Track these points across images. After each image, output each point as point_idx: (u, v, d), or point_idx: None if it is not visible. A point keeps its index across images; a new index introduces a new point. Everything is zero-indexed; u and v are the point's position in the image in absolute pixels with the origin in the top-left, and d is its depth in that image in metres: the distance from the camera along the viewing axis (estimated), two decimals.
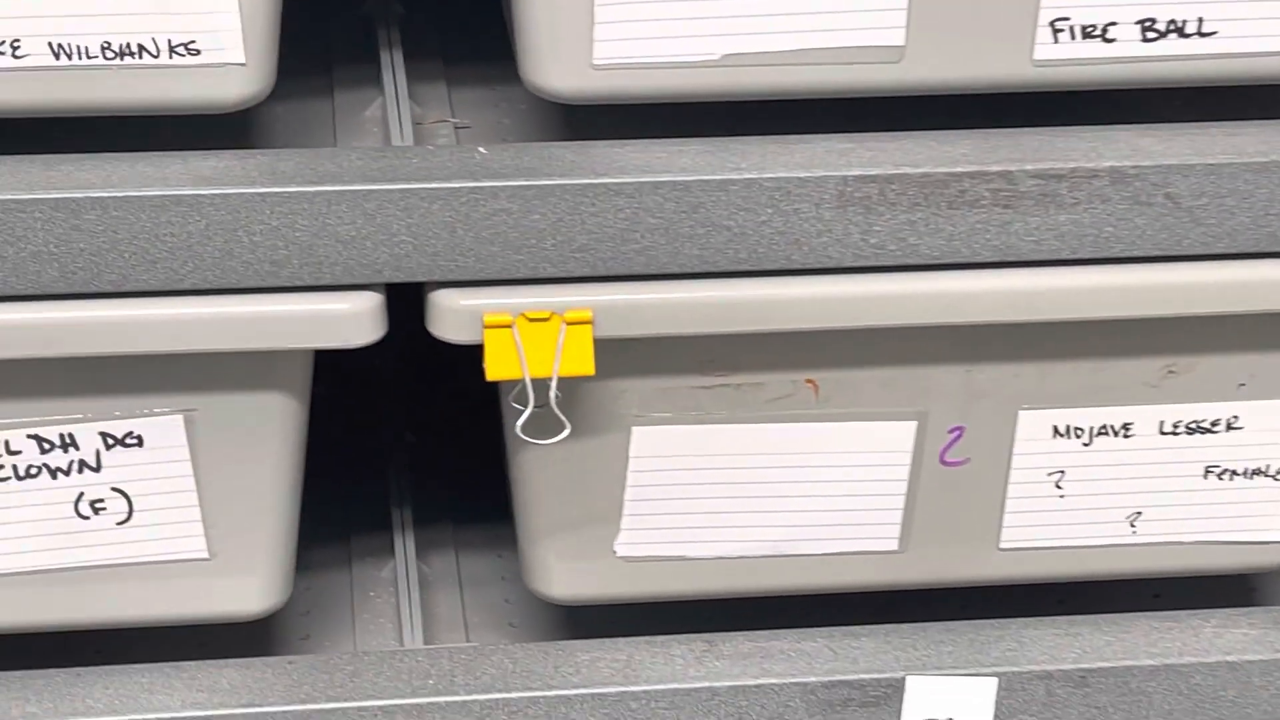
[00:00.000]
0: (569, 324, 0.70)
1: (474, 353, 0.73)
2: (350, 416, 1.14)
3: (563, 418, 0.73)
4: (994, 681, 0.82)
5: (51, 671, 0.84)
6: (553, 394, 0.71)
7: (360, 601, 0.98)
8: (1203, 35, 0.73)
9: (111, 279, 0.71)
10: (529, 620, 0.97)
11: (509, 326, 0.70)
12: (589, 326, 0.71)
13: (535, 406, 0.72)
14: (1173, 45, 0.73)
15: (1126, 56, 0.73)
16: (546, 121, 0.88)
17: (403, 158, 0.73)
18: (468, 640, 0.93)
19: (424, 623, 0.94)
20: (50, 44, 0.71)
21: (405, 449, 1.13)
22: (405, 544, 1.01)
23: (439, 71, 0.97)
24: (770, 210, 0.70)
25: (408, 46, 0.94)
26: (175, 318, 0.72)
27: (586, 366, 0.71)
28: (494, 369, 0.70)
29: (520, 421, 0.72)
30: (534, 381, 0.72)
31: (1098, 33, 0.73)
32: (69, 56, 0.71)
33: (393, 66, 0.91)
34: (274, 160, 0.73)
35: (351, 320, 0.72)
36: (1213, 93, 0.80)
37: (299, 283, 0.71)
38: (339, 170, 0.71)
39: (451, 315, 0.71)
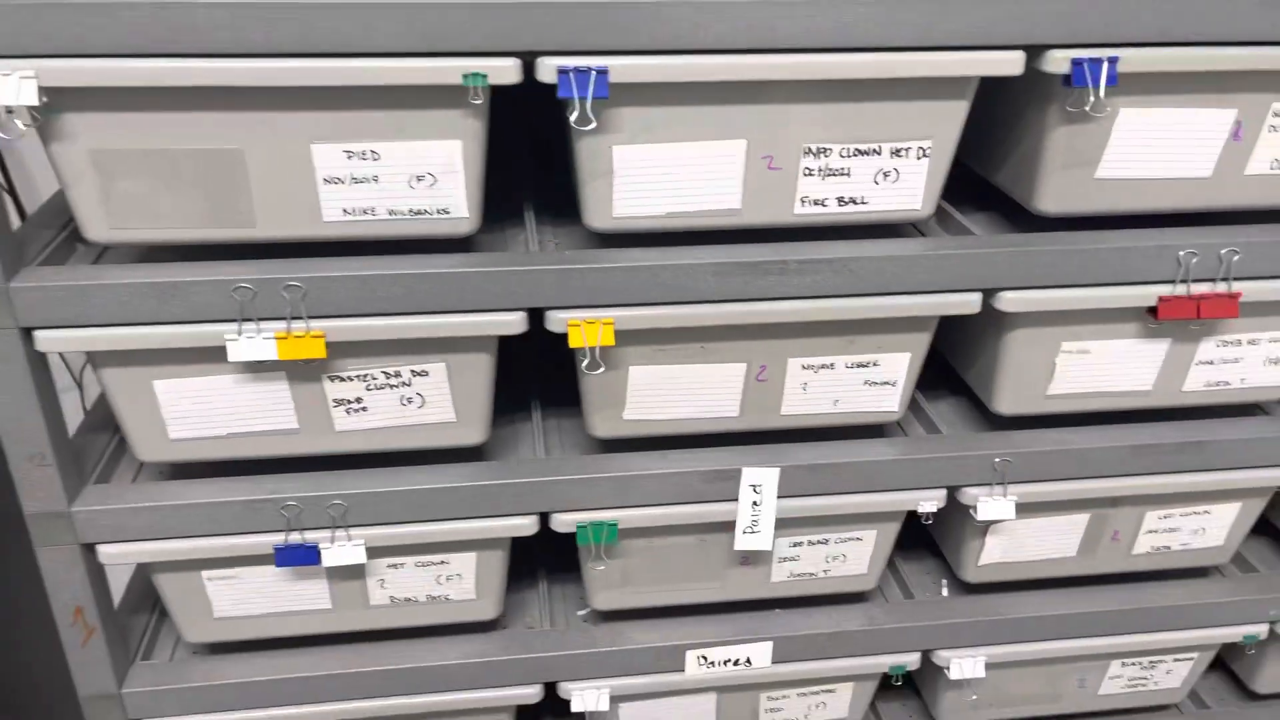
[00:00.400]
0: (603, 325, 0.97)
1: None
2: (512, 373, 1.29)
3: (601, 364, 0.99)
4: (776, 470, 1.09)
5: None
6: (596, 353, 0.99)
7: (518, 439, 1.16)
8: (863, 203, 0.99)
9: (422, 305, 0.99)
10: (591, 448, 1.15)
11: (579, 326, 0.97)
12: (611, 325, 0.97)
13: (590, 358, 0.99)
14: (851, 209, 0.99)
15: (833, 211, 0.99)
16: (593, 241, 1.03)
17: (533, 256, 0.99)
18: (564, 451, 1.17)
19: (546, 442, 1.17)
20: (388, 210, 0.92)
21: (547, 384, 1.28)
22: (536, 414, 1.23)
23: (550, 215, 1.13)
24: (685, 277, 0.96)
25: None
26: (449, 323, 0.99)
27: (610, 341, 0.97)
28: (573, 343, 0.97)
29: (584, 363, 0.99)
30: (590, 349, 0.99)
31: (820, 202, 0.98)
32: (394, 215, 0.92)
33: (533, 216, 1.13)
34: (479, 258, 0.97)
35: (512, 323, 0.97)
36: (870, 227, 1.02)
37: (488, 307, 0.96)
38: (506, 259, 0.96)
39: (555, 322, 0.97)
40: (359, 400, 1.02)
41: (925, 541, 1.37)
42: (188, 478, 1.06)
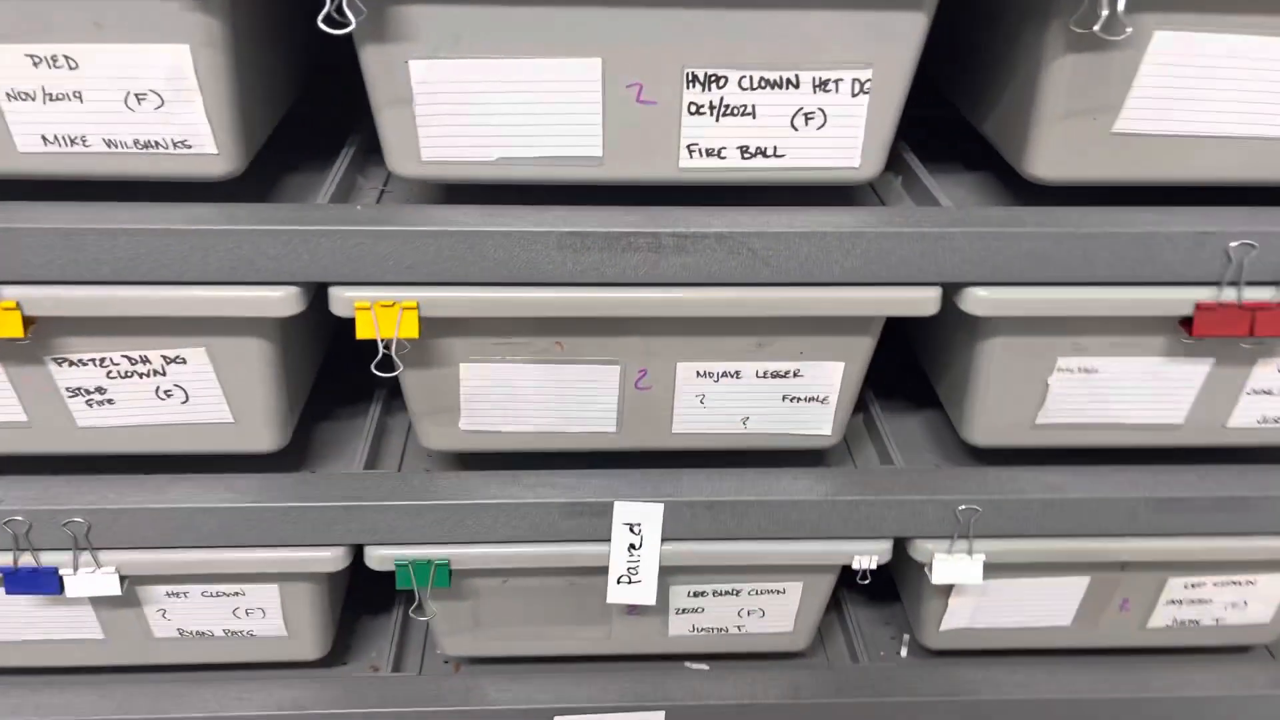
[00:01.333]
0: (404, 308, 0.72)
1: None
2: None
3: (398, 361, 0.73)
4: (660, 506, 0.84)
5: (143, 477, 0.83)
6: (394, 348, 0.72)
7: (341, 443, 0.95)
8: (777, 156, 0.73)
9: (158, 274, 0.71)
10: (433, 461, 0.94)
11: (369, 309, 0.71)
12: (415, 310, 0.72)
13: (383, 352, 0.73)
14: (759, 162, 0.73)
15: (733, 167, 0.73)
16: (440, 194, 0.84)
17: (314, 210, 0.74)
18: (400, 467, 0.93)
19: (372, 451, 0.94)
20: (103, 139, 0.69)
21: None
22: (371, 418, 0.99)
23: None
24: (519, 249, 0.71)
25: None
26: (191, 298, 0.72)
27: (414, 332, 0.72)
28: (361, 332, 0.72)
29: (374, 363, 0.73)
30: (385, 341, 0.72)
31: (715, 152, 0.73)
32: (114, 147, 0.70)
33: (347, 157, 0.87)
34: (233, 210, 0.72)
35: (283, 302, 0.72)
36: (790, 190, 0.79)
37: (249, 279, 0.72)
38: (274, 215, 0.71)
39: (339, 302, 0.72)
40: (100, 391, 0.78)
41: (888, 585, 1.09)
42: None
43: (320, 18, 0.62)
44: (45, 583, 0.83)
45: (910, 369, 1.01)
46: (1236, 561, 0.91)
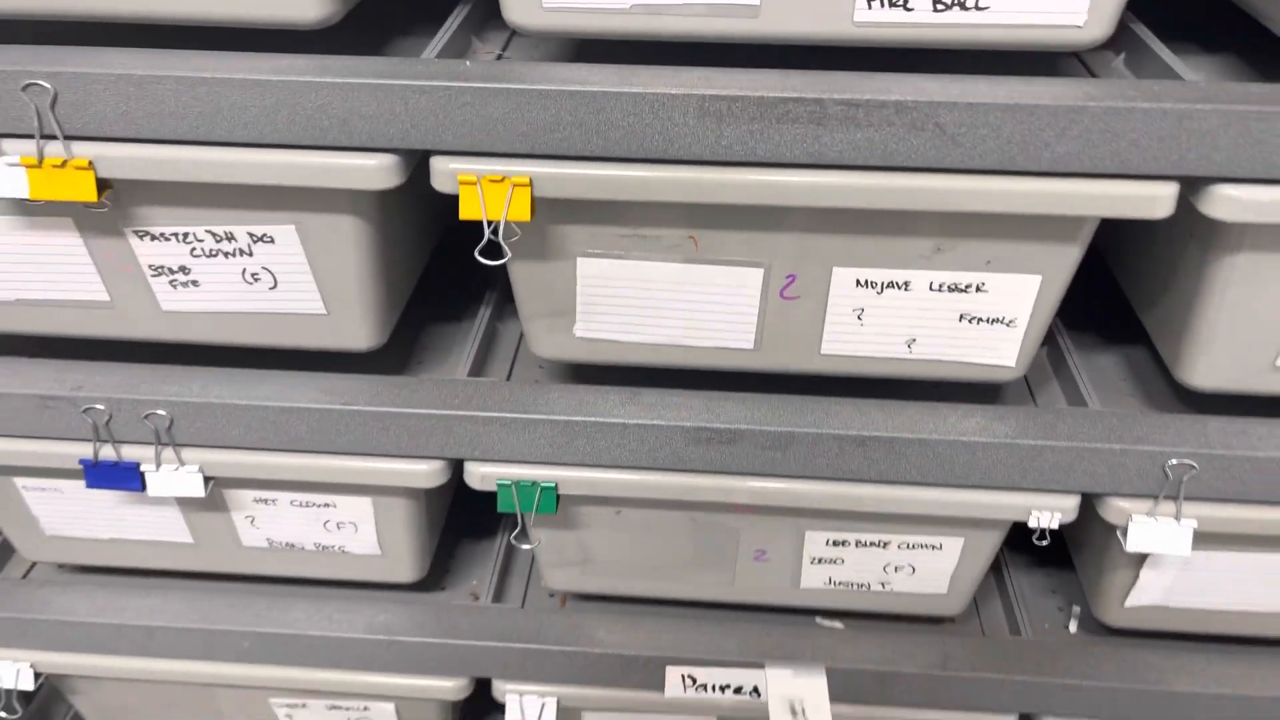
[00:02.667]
0: (515, 185, 0.61)
1: None
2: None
3: (506, 248, 0.63)
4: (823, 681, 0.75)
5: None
6: (501, 230, 0.62)
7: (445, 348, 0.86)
8: (979, 9, 0.59)
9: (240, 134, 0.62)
10: (544, 373, 0.85)
11: (474, 183, 0.62)
12: (528, 188, 0.62)
13: (489, 238, 0.62)
14: (955, 15, 0.59)
15: (921, 23, 0.60)
16: (567, 56, 0.74)
17: (415, 65, 0.63)
18: (509, 378, 0.84)
19: (478, 358, 0.84)
20: None
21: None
22: (480, 322, 0.89)
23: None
24: (652, 116, 0.60)
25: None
26: (277, 164, 0.63)
27: (525, 214, 0.62)
28: (465, 211, 0.62)
29: (478, 248, 0.62)
30: (492, 223, 0.62)
31: (900, 3, 0.60)
32: None
33: (461, 15, 0.76)
34: (324, 61, 0.63)
35: (378, 172, 0.63)
36: (988, 61, 0.67)
37: (341, 143, 0.62)
38: (370, 68, 0.62)
39: (440, 175, 0.62)
40: (184, 270, 0.70)
41: (1058, 544, 0.94)
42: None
43: None
44: (126, 478, 0.77)
45: (1110, 294, 0.85)
46: None
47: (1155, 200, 0.60)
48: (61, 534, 0.86)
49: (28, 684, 0.90)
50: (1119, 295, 0.83)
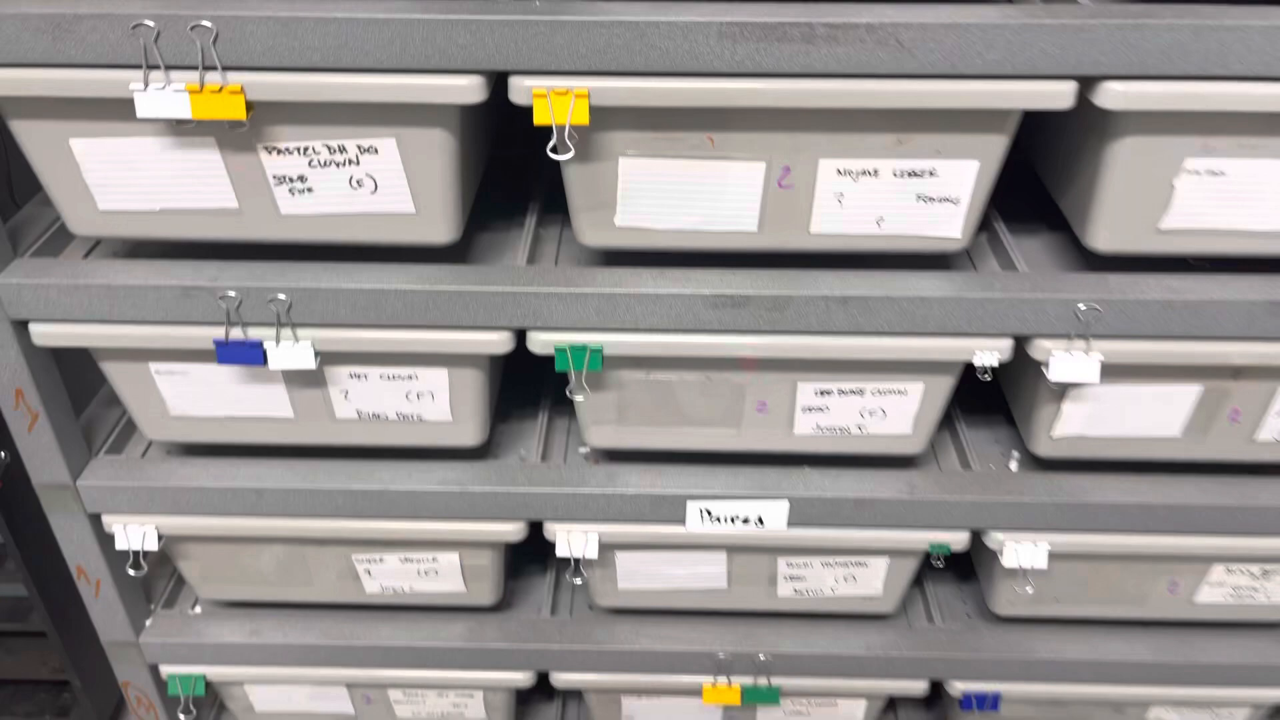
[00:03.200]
0: (577, 96, 0.78)
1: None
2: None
3: (570, 146, 0.81)
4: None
5: None
6: (567, 134, 0.81)
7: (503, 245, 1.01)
8: None
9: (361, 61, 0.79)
10: (584, 259, 0.99)
11: (545, 96, 0.78)
12: (586, 98, 0.78)
13: (560, 139, 0.80)
14: None
15: None
16: None
17: (499, 3, 0.78)
18: (557, 262, 0.99)
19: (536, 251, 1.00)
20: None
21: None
22: (531, 219, 1.06)
23: None
24: (682, 38, 0.76)
25: None
26: (392, 85, 0.80)
27: (584, 119, 0.79)
28: (538, 118, 0.78)
29: (549, 145, 0.80)
30: (559, 128, 0.80)
31: None
32: None
33: None
34: (427, 3, 0.78)
35: (469, 89, 0.79)
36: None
37: (440, 67, 0.78)
38: (464, 7, 0.77)
39: (518, 90, 0.79)
40: (303, 179, 0.87)
41: (998, 406, 1.15)
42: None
43: None
44: (251, 354, 0.94)
45: (1034, 189, 1.05)
46: None
47: (1059, 95, 0.79)
48: (185, 414, 1.03)
49: (152, 545, 1.08)
50: (1042, 190, 1.03)
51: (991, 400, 1.15)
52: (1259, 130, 0.82)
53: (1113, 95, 0.79)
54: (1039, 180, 1.03)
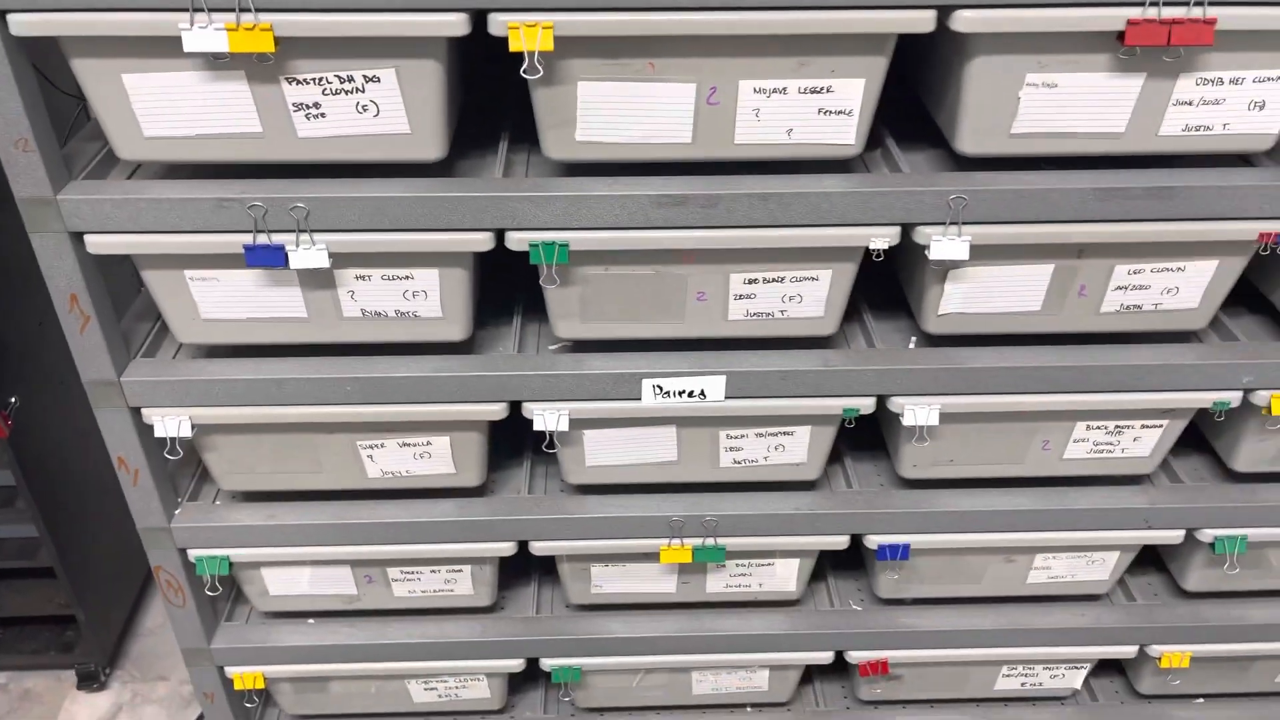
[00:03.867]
0: (543, 27, 0.96)
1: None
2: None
3: (539, 68, 0.98)
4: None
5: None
6: (536, 58, 0.98)
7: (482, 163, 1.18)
8: None
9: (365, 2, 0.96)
10: (551, 173, 1.13)
11: (518, 28, 0.96)
12: (551, 30, 0.96)
13: (530, 63, 0.98)
14: None
15: None
16: None
17: None
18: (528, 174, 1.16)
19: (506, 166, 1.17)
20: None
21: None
22: (503, 144, 1.22)
23: None
24: None
25: None
26: (391, 21, 0.97)
27: (549, 46, 0.97)
28: (513, 46, 0.97)
29: (523, 69, 0.98)
30: (530, 54, 0.98)
31: None
32: None
33: None
34: None
35: (455, 23, 0.97)
36: None
37: (431, 6, 0.96)
38: None
39: (496, 24, 0.96)
40: (317, 105, 1.06)
41: (901, 304, 1.36)
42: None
43: None
44: (275, 256, 1.12)
45: (917, 120, 1.26)
46: (1165, 245, 1.17)
47: (922, 20, 1.00)
48: (214, 317, 1.21)
49: (186, 432, 1.25)
50: (926, 115, 1.24)
51: (895, 299, 1.36)
52: (1082, 49, 1.04)
53: (965, 20, 1.01)
54: (925, 107, 1.24)
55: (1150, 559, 1.59)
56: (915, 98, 1.27)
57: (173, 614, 1.43)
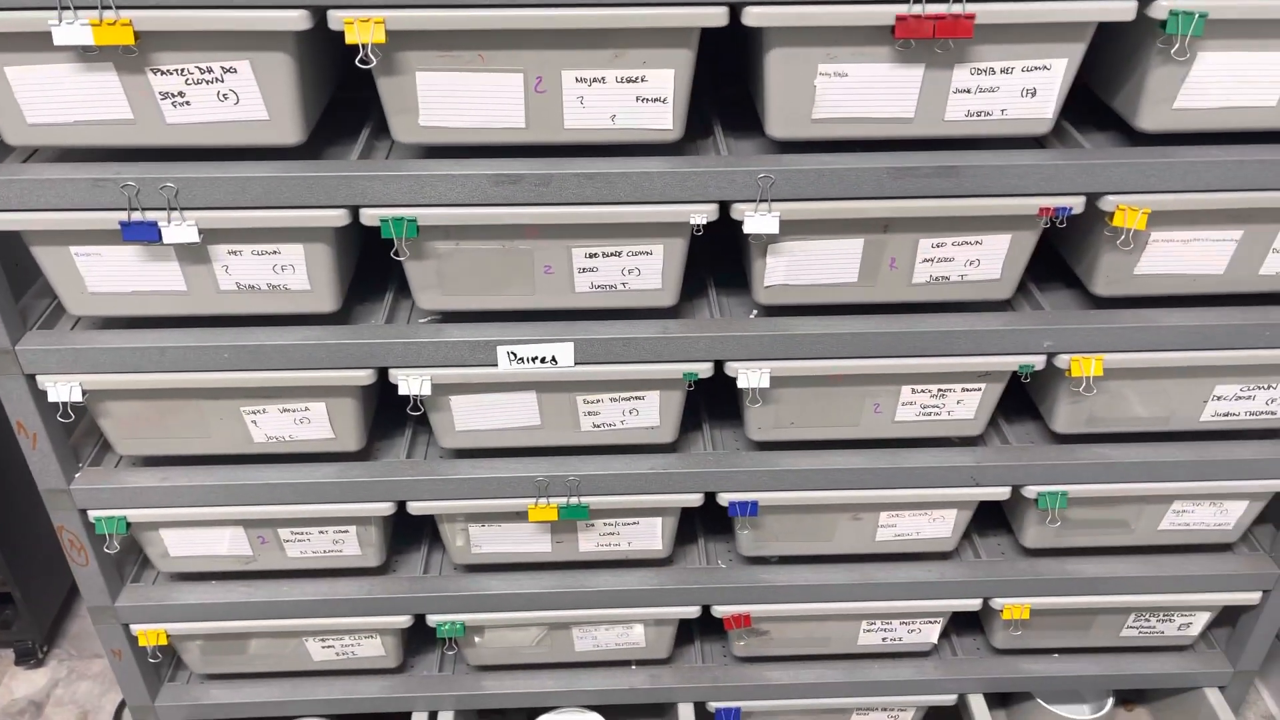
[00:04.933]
0: (375, 22, 1.07)
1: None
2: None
3: (373, 59, 1.09)
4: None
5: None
6: (370, 49, 1.09)
7: (346, 146, 1.36)
8: None
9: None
10: (407, 154, 1.30)
11: (354, 23, 1.07)
12: (383, 24, 1.07)
13: (362, 54, 1.09)
14: None
15: None
16: None
17: None
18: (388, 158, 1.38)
19: (366, 148, 1.34)
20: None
21: None
22: (363, 138, 1.36)
23: None
24: None
25: None
26: (241, 17, 1.11)
27: (381, 39, 1.07)
28: (349, 38, 1.07)
29: (357, 59, 1.08)
30: (363, 45, 1.10)
31: None
32: None
33: None
34: None
35: (297, 19, 1.09)
36: None
37: (274, 4, 1.09)
38: None
39: (334, 20, 1.07)
40: (181, 94, 1.17)
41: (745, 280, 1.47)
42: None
43: None
44: (148, 232, 1.23)
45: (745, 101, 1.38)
46: (960, 219, 1.28)
47: (714, 16, 1.12)
48: (100, 290, 1.31)
49: (78, 397, 1.35)
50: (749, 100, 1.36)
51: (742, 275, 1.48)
52: (864, 41, 1.16)
53: (754, 15, 1.12)
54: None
55: (999, 520, 1.70)
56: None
57: (78, 573, 1.53)
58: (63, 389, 1.33)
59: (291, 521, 1.52)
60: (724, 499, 1.51)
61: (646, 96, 1.19)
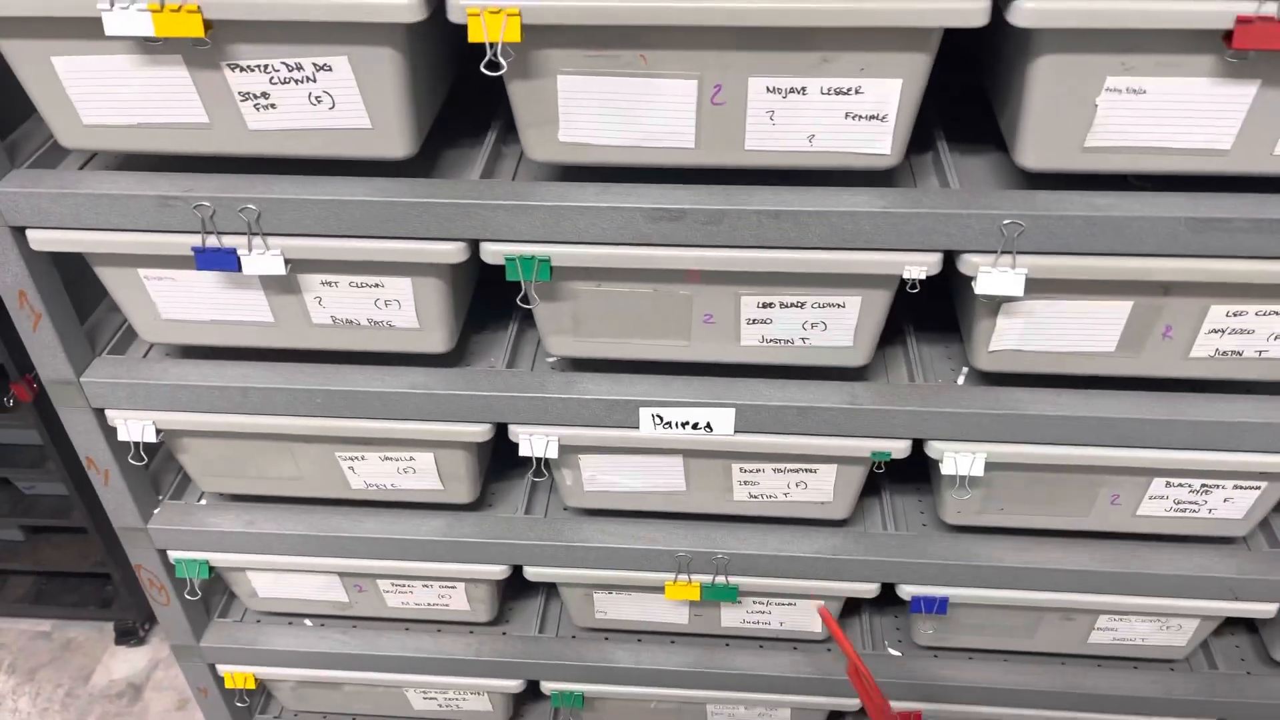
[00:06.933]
0: (508, 15, 0.82)
1: None
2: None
3: (503, 63, 0.84)
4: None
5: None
6: (499, 50, 0.84)
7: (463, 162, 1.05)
8: None
9: None
10: (540, 175, 1.02)
11: (479, 15, 0.82)
12: (518, 16, 0.82)
13: (490, 55, 0.83)
14: None
15: None
16: None
17: None
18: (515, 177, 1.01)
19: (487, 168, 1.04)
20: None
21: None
22: (491, 136, 1.09)
23: None
24: None
25: None
26: (337, 4, 0.84)
27: (516, 37, 0.83)
28: (472, 35, 0.83)
29: (485, 61, 0.83)
30: (493, 45, 0.83)
31: None
32: None
33: None
34: None
35: (408, 7, 0.83)
36: None
37: None
38: None
39: (454, 9, 0.82)
40: (265, 95, 0.93)
41: (953, 323, 1.18)
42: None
43: None
44: (226, 260, 1.01)
45: (982, 110, 1.06)
46: (1277, 286, 0.96)
47: (974, 12, 0.82)
48: (174, 317, 1.11)
49: (151, 437, 1.17)
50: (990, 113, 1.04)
51: (947, 317, 1.18)
52: (1176, 48, 0.84)
53: (1025, 13, 0.81)
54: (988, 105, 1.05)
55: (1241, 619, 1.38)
56: (980, 85, 1.07)
57: (159, 611, 1.37)
58: (134, 427, 1.15)
59: (391, 575, 1.32)
60: (905, 591, 1.24)
61: (860, 113, 0.90)
